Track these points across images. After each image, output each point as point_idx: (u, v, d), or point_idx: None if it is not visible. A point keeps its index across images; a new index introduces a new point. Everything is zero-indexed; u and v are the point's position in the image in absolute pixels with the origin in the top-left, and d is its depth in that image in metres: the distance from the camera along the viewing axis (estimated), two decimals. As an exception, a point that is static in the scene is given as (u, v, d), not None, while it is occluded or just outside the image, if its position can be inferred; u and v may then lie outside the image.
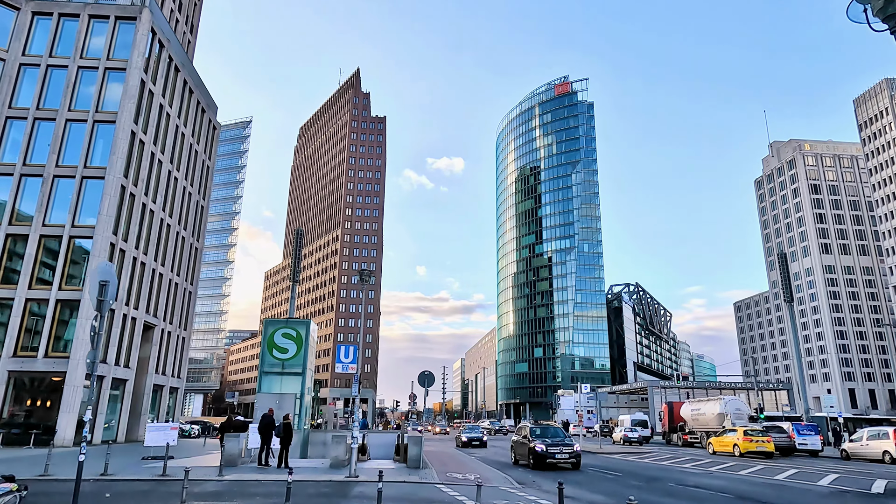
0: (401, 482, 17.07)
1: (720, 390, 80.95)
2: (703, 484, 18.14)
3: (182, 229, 46.64)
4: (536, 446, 22.02)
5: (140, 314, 39.60)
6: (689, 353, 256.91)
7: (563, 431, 24.58)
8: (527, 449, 22.92)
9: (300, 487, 15.34)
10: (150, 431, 22.18)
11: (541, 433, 23.56)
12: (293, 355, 26.06)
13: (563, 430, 26.06)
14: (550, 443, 22.19)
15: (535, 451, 22.05)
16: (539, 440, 22.48)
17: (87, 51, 38.10)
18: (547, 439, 22.60)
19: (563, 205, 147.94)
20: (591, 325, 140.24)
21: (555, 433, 23.95)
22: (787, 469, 23.69)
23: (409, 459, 21.22)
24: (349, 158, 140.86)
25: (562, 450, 21.88)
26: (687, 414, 49.89)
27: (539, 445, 21.97)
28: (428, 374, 24.76)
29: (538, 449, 21.90)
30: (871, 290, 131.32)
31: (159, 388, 44.06)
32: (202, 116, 50.31)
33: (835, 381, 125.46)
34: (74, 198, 35.02)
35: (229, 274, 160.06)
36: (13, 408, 32.60)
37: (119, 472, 18.54)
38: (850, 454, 32.48)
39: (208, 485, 15.96)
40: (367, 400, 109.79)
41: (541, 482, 18.30)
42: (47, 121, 36.23)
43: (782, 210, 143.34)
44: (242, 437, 21.93)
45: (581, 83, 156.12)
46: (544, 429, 24.59)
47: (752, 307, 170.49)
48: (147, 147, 39.47)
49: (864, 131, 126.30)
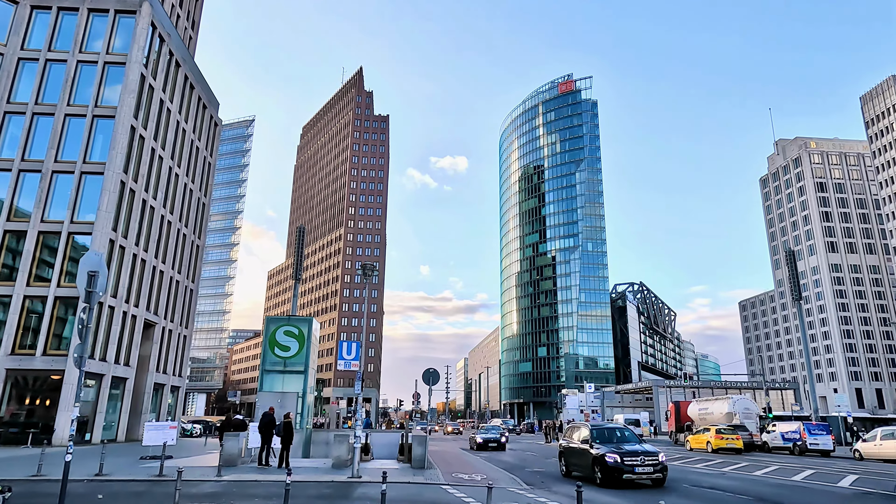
0: (405, 483, 16.48)
1: (726, 390, 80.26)
2: (720, 485, 17.49)
3: (183, 226, 46.13)
4: (606, 456, 16.22)
5: (140, 312, 39.10)
6: (694, 353, 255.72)
7: (634, 434, 18.51)
8: (589, 459, 17.17)
9: (301, 488, 14.76)
10: (148, 430, 21.72)
11: (607, 436, 17.88)
12: (295, 353, 25.52)
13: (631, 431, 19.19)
14: (626, 451, 16.29)
15: (603, 462, 16.22)
16: (607, 447, 16.80)
17: (86, 45, 37.61)
18: (618, 446, 16.87)
19: (567, 203, 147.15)
20: (595, 325, 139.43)
21: (625, 437, 17.92)
22: (802, 470, 23.02)
23: (413, 459, 20.64)
24: (352, 157, 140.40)
25: (644, 461, 15.99)
26: (694, 413, 49.24)
27: (610, 455, 16.21)
28: (433, 372, 24.18)
29: (609, 460, 16.08)
30: (877, 288, 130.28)
31: (160, 387, 43.57)
32: (203, 112, 49.80)
33: (841, 380, 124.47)
34: (73, 194, 34.52)
35: (232, 273, 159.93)
36: (11, 407, 32.10)
37: (115, 472, 18.01)
38: (864, 454, 31.72)
39: (205, 485, 15.38)
40: (371, 399, 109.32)
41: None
42: (46, 115, 35.75)
43: (788, 208, 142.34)
44: (242, 436, 21.40)
45: (585, 81, 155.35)
46: (610, 431, 18.41)
47: (757, 306, 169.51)
48: (147, 142, 38.96)
49: (871, 128, 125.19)
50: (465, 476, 19.07)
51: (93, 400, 34.10)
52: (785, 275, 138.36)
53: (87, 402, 33.65)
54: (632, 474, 15.87)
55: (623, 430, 18.50)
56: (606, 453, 16.39)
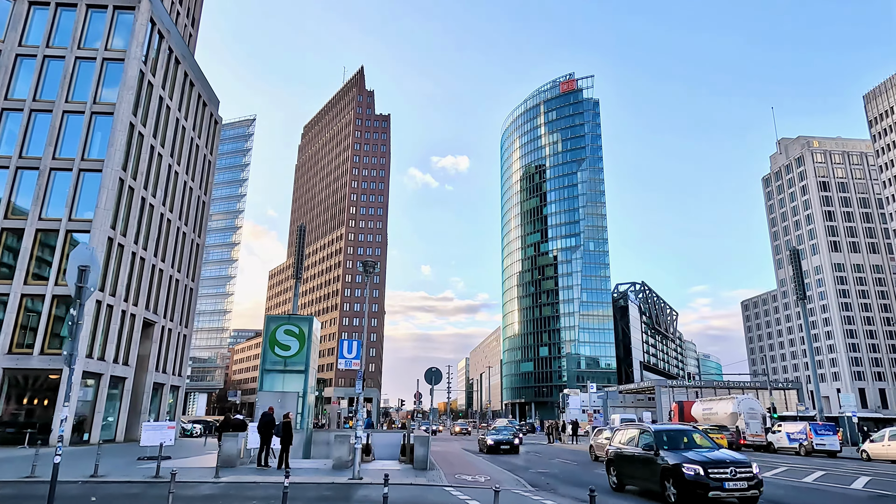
0: (407, 484, 16.07)
1: (728, 389, 79.71)
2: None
3: (183, 225, 45.76)
4: (684, 467, 12.41)
5: (139, 310, 38.73)
6: (695, 353, 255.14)
7: (707, 437, 14.92)
8: (655, 470, 13.48)
9: (300, 490, 14.37)
10: (146, 430, 21.31)
11: (676, 439, 14.28)
12: (295, 352, 25.17)
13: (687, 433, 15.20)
14: (710, 460, 12.56)
15: (679, 475, 12.41)
16: (680, 454, 13.11)
17: (84, 41, 37.23)
18: (697, 452, 13.17)
19: (569, 203, 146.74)
20: (596, 325, 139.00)
21: (694, 440, 14.43)
22: (812, 471, 22.59)
23: (415, 460, 20.22)
24: (353, 157, 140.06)
25: (735, 473, 12.15)
26: (698, 413, 48.80)
27: (689, 465, 12.40)
28: (435, 371, 23.78)
29: (688, 472, 12.28)
30: (881, 288, 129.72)
31: (160, 387, 43.20)
32: (203, 110, 49.42)
33: (844, 380, 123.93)
34: (71, 191, 34.15)
35: (233, 273, 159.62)
36: (8, 406, 31.75)
37: (111, 473, 17.62)
38: (872, 455, 31.29)
39: (202, 487, 14.99)
40: (372, 399, 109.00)
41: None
42: (44, 112, 35.39)
43: (790, 208, 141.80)
44: (241, 436, 21.01)
45: (586, 80, 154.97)
46: (678, 433, 14.74)
47: (759, 306, 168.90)
48: (146, 140, 38.59)
49: (874, 127, 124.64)
50: (469, 477, 18.67)
51: (91, 400, 33.75)
52: (788, 274, 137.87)
53: (85, 402, 33.30)
54: (720, 491, 11.96)
55: (692, 433, 14.86)
56: (683, 463, 12.51)
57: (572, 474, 21.17)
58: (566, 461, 27.40)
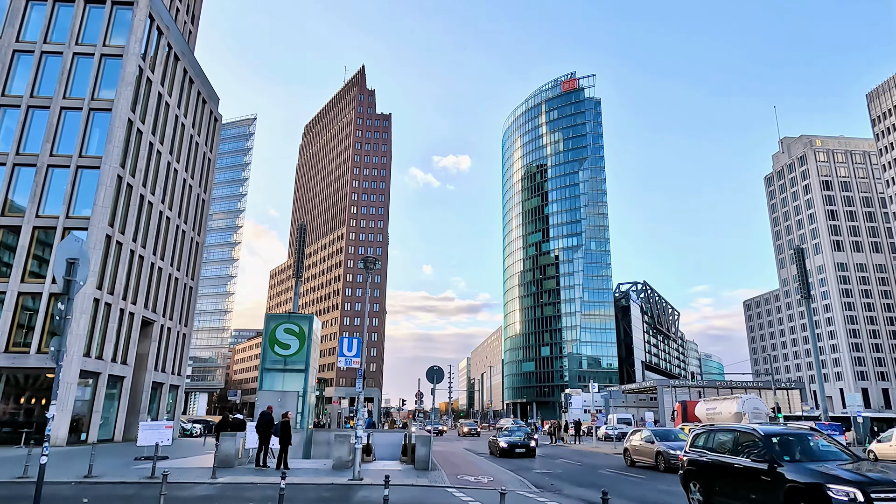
0: (408, 485, 15.69)
1: (731, 389, 79.29)
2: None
3: (182, 223, 45.40)
4: (831, 490, 8.86)
5: (138, 309, 38.37)
6: (697, 353, 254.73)
7: (837, 441, 11.46)
8: (773, 489, 9.90)
9: (298, 491, 13.99)
10: (142, 430, 20.90)
11: (801, 447, 10.82)
12: (296, 351, 24.79)
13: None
14: (870, 479, 9.02)
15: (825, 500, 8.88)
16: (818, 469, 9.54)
17: (82, 37, 36.86)
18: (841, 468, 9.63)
19: (570, 202, 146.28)
20: (598, 324, 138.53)
21: (821, 448, 10.92)
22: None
23: (416, 461, 19.84)
24: (354, 156, 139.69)
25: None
26: (702, 413, 48.45)
27: (839, 489, 8.82)
28: (437, 370, 23.41)
29: (839, 499, 8.73)
30: (884, 287, 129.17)
31: (159, 386, 42.83)
32: (203, 107, 49.06)
33: (847, 380, 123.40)
34: (69, 188, 33.79)
35: (234, 272, 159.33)
36: (5, 405, 31.41)
37: (106, 473, 17.24)
38: (879, 455, 30.82)
39: (198, 488, 14.61)
40: (373, 399, 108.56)
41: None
42: (41, 109, 35.04)
43: (793, 207, 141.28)
44: (239, 436, 20.64)
45: (588, 80, 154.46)
46: (803, 439, 11.08)
47: (762, 305, 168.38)
48: (145, 137, 38.23)
49: (877, 126, 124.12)
50: (471, 478, 18.28)
51: (89, 399, 33.38)
52: (790, 273, 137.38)
53: (83, 401, 32.93)
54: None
55: (818, 441, 11.14)
56: (827, 483, 9.00)
57: (577, 475, 20.77)
58: (570, 461, 27.02)
